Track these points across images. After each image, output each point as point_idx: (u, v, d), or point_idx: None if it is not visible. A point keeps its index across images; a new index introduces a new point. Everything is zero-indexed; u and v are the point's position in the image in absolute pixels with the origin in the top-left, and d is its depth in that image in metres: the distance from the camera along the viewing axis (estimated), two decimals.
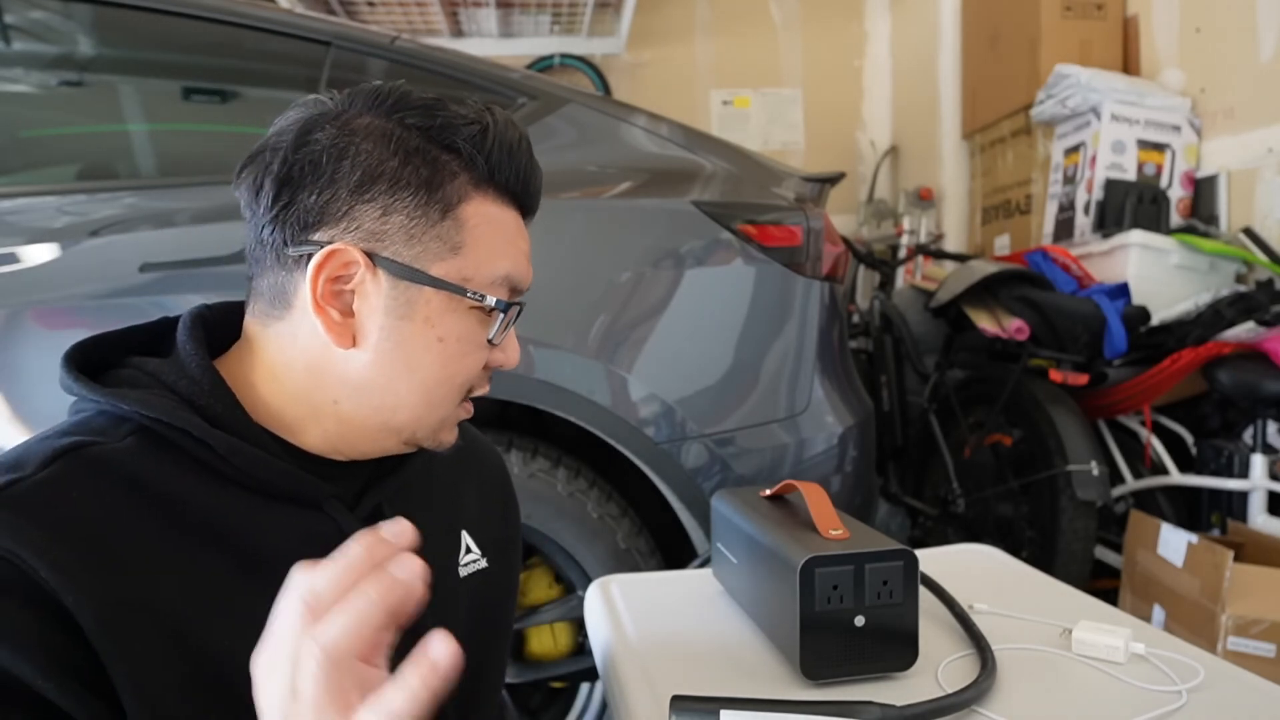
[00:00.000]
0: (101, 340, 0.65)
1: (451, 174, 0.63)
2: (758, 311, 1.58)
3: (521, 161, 0.66)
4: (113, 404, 0.58)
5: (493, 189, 0.65)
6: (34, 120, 1.64)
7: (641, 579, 1.11)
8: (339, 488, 0.66)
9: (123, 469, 0.55)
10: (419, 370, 0.63)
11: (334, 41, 1.58)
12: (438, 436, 0.67)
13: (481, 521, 0.80)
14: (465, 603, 0.75)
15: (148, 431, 0.58)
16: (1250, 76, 2.50)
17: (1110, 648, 0.80)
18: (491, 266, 0.64)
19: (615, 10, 4.21)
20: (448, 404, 0.66)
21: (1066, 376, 2.25)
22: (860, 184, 4.40)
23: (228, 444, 0.59)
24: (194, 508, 0.57)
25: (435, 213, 0.62)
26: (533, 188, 0.69)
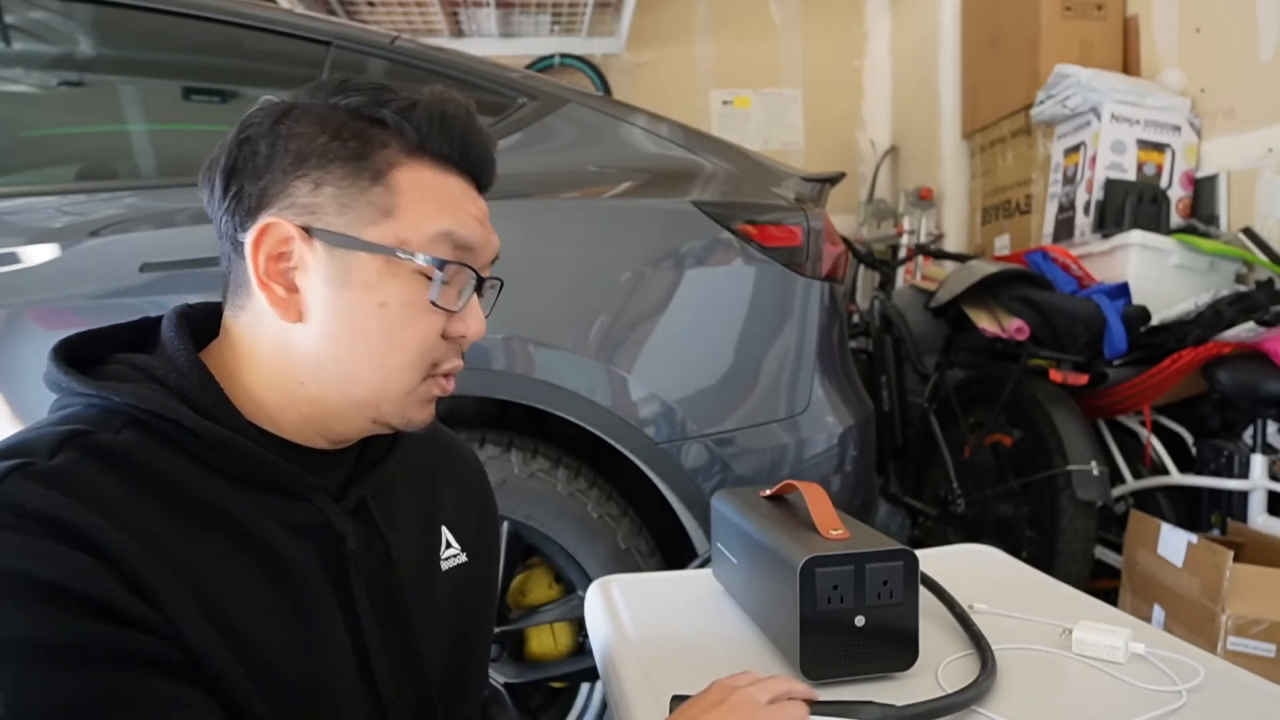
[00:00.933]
0: (88, 337, 0.65)
1: (381, 144, 0.64)
2: (758, 311, 1.58)
3: (456, 129, 0.66)
4: (104, 397, 0.59)
5: (427, 156, 0.65)
6: (34, 120, 1.64)
7: (641, 579, 1.11)
8: (324, 479, 0.67)
9: (124, 457, 0.57)
10: (365, 338, 0.63)
11: (334, 41, 1.58)
12: (406, 414, 0.66)
13: (460, 518, 0.82)
14: (447, 595, 0.77)
15: (141, 424, 0.59)
16: (1250, 76, 2.50)
17: (1110, 648, 0.80)
18: (427, 227, 0.64)
19: (615, 10, 4.21)
20: (406, 375, 0.65)
21: (1066, 376, 2.25)
22: (860, 184, 4.40)
23: (217, 435, 0.60)
24: (192, 494, 0.59)
25: (365, 180, 0.63)
26: (475, 154, 0.68)
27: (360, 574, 0.67)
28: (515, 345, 1.46)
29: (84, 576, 0.50)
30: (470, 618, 0.80)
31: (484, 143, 0.68)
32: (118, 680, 0.50)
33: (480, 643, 0.83)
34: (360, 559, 0.67)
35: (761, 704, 0.65)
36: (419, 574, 0.74)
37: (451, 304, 0.65)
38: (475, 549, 0.81)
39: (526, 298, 1.47)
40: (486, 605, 0.85)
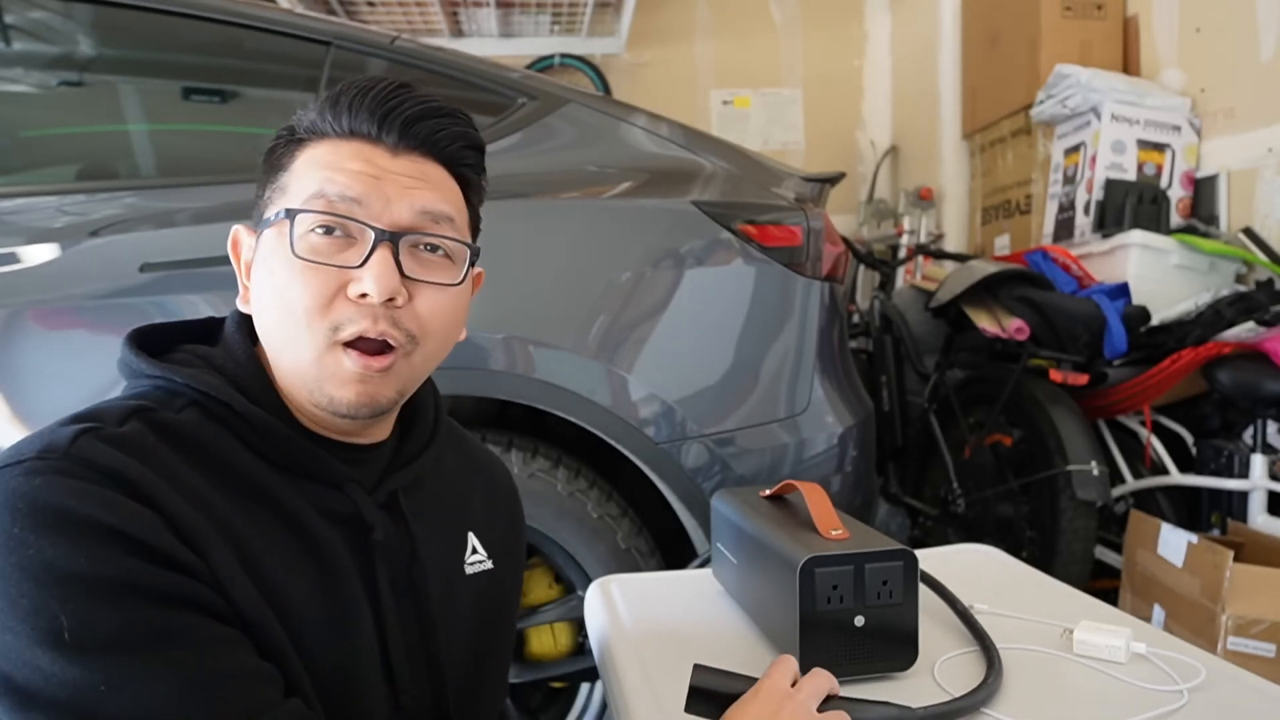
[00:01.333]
0: (159, 328, 0.71)
1: (296, 144, 0.69)
2: (758, 311, 1.58)
3: (349, 101, 0.67)
4: (169, 379, 0.65)
5: (326, 138, 0.68)
6: (34, 120, 1.64)
7: (641, 579, 1.11)
8: (359, 472, 0.70)
9: (182, 433, 0.62)
10: (268, 311, 0.66)
11: (334, 41, 1.58)
12: (326, 391, 0.64)
13: (487, 526, 0.83)
14: (470, 599, 0.78)
15: (199, 405, 0.65)
16: (1250, 76, 2.50)
17: (1111, 648, 0.80)
18: (303, 191, 0.66)
19: (615, 10, 4.21)
20: (302, 340, 0.64)
21: (1066, 376, 2.25)
22: (860, 184, 4.40)
23: (263, 420, 0.65)
24: (241, 472, 0.64)
25: (275, 175, 0.69)
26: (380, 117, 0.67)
27: (385, 564, 0.69)
28: (515, 345, 1.46)
29: (142, 525, 0.55)
30: (491, 624, 0.81)
31: (391, 105, 0.67)
32: (166, 616, 0.55)
33: (499, 649, 0.85)
34: (386, 550, 0.70)
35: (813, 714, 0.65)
36: (444, 573, 0.76)
37: (349, 261, 0.64)
38: (500, 557, 0.83)
39: (526, 297, 1.47)
40: (508, 614, 0.86)
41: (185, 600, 0.56)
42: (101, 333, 1.39)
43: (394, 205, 0.65)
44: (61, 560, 0.53)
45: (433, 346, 0.69)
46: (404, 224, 0.66)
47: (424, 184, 0.67)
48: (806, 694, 0.65)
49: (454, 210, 0.69)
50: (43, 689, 0.51)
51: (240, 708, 0.55)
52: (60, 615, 0.52)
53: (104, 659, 0.52)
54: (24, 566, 0.52)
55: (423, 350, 0.68)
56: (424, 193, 0.67)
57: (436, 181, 0.69)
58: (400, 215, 0.66)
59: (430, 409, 0.80)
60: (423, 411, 0.79)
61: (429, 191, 0.67)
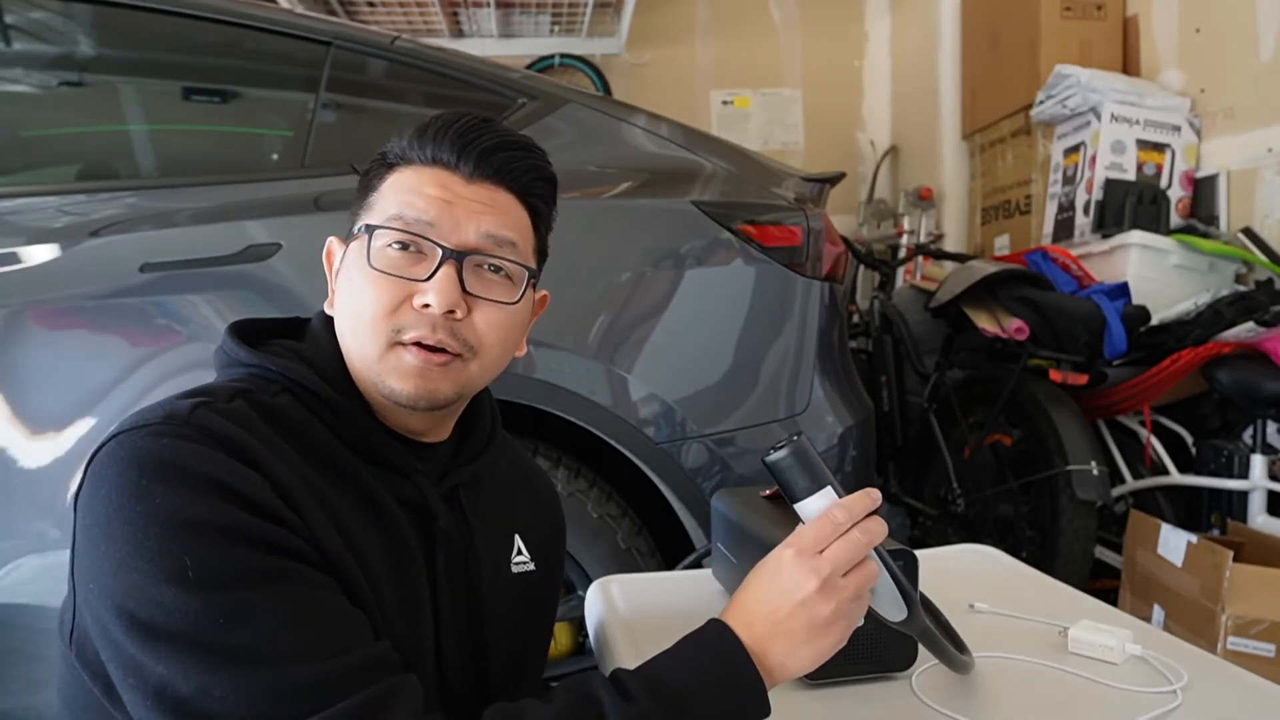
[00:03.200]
0: (254, 322, 0.79)
1: (386, 167, 0.77)
2: (758, 311, 1.58)
3: (433, 131, 0.74)
4: (264, 368, 0.72)
5: (412, 164, 0.75)
6: (34, 120, 1.64)
7: (641, 579, 1.11)
8: (425, 466, 0.77)
9: (279, 414, 0.69)
10: (346, 314, 0.74)
11: (334, 41, 1.58)
12: (386, 382, 0.72)
13: (533, 530, 0.90)
14: (515, 597, 0.84)
15: (291, 392, 0.72)
16: (1250, 76, 2.50)
17: (1106, 648, 0.80)
18: (385, 211, 0.73)
19: (615, 10, 4.21)
20: (369, 339, 0.71)
21: (1066, 376, 2.25)
22: (860, 184, 4.40)
23: (346, 410, 0.72)
24: (329, 454, 0.70)
25: (365, 195, 0.77)
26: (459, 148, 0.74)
27: (445, 552, 0.76)
28: None
29: (251, 484, 0.62)
30: (532, 622, 0.88)
31: (470, 138, 0.74)
32: (275, 560, 0.61)
33: (538, 647, 0.91)
34: (447, 539, 0.76)
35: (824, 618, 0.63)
36: (494, 568, 0.82)
37: (418, 275, 0.71)
38: (543, 561, 0.89)
39: None
40: (547, 614, 0.93)
41: (290, 550, 0.62)
42: (101, 333, 1.39)
43: (463, 228, 0.72)
44: (185, 508, 0.59)
45: (489, 358, 0.75)
46: (470, 245, 0.73)
47: (492, 210, 0.74)
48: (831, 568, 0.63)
49: (518, 236, 0.76)
50: (165, 622, 0.57)
51: (341, 640, 0.61)
52: (184, 556, 0.58)
53: (223, 594, 0.58)
54: (151, 513, 0.59)
55: (480, 361, 0.74)
56: (491, 218, 0.74)
57: (505, 208, 0.75)
58: (467, 237, 0.73)
59: (488, 417, 0.87)
60: (480, 419, 0.86)
61: (496, 217, 0.74)
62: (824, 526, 0.63)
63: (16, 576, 1.35)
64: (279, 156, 1.66)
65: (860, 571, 0.64)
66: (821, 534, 0.63)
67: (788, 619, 0.62)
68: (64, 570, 0.66)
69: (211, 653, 0.57)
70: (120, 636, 0.58)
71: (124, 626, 0.58)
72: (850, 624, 0.64)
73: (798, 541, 0.64)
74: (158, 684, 0.57)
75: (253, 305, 1.42)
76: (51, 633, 0.72)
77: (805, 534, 0.64)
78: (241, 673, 0.57)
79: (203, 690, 0.56)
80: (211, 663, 0.57)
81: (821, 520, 0.64)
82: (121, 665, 0.59)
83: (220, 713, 0.56)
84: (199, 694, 0.56)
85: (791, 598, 0.62)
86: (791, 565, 0.63)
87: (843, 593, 0.63)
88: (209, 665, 0.57)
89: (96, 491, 0.61)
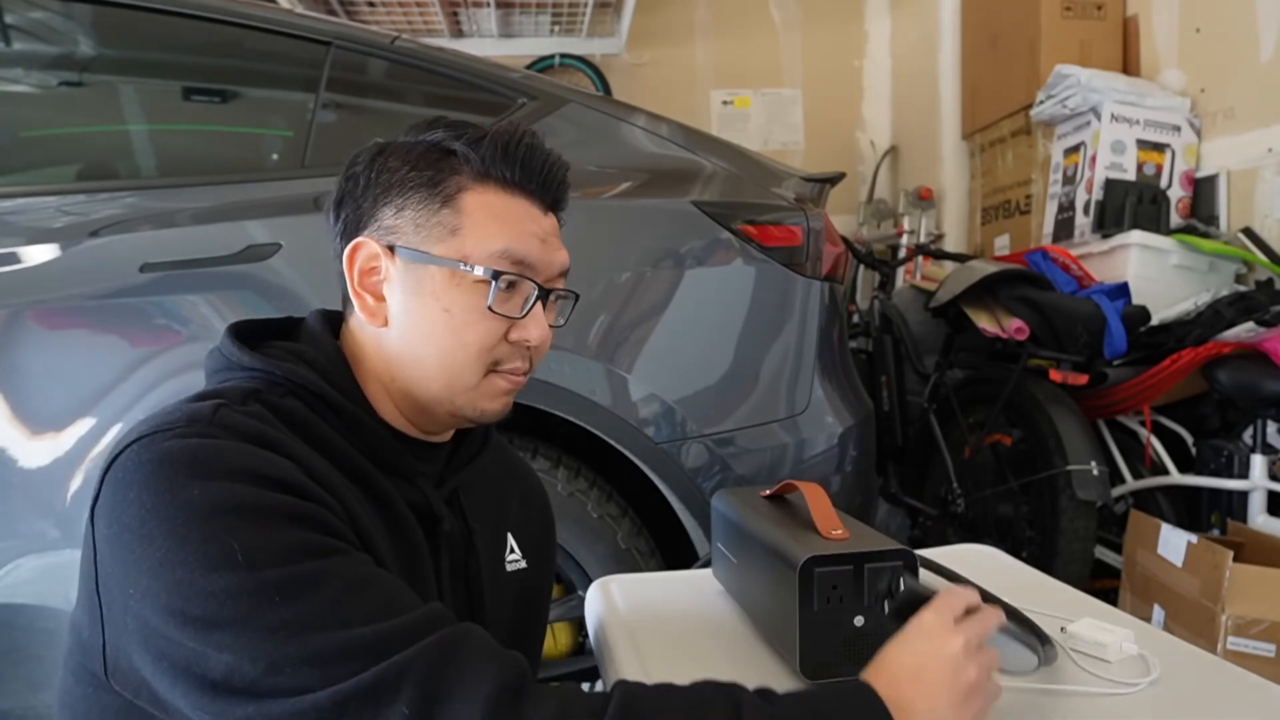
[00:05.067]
0: (250, 324, 0.78)
1: (451, 171, 0.74)
2: (758, 311, 1.58)
3: (519, 155, 0.74)
4: (268, 371, 0.72)
5: (493, 182, 0.74)
6: (34, 120, 1.64)
7: (641, 579, 1.11)
8: (426, 467, 0.79)
9: (292, 415, 0.69)
10: (434, 340, 0.73)
11: (334, 41, 1.58)
12: (478, 405, 0.75)
13: (523, 529, 0.91)
14: (510, 595, 0.87)
15: (298, 395, 0.72)
16: (1250, 76, 2.50)
17: (1099, 645, 0.80)
18: (488, 244, 0.72)
19: (615, 10, 4.21)
20: (469, 371, 0.73)
21: (1066, 376, 2.25)
22: (860, 184, 4.40)
23: (354, 414, 0.73)
24: (340, 455, 0.71)
25: (436, 203, 0.73)
26: (538, 179, 0.75)
27: (448, 554, 0.78)
28: None
29: (285, 470, 0.63)
30: (525, 619, 0.90)
31: (549, 167, 0.76)
32: (320, 538, 0.61)
33: (533, 642, 0.93)
34: (450, 541, 0.78)
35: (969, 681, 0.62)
36: (491, 567, 0.84)
37: (512, 311, 0.74)
38: (534, 559, 0.91)
39: None
40: (540, 611, 0.95)
41: (328, 527, 0.63)
42: (101, 333, 1.39)
43: (551, 265, 0.76)
44: (225, 497, 0.59)
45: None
46: (552, 281, 0.77)
47: (561, 244, 0.78)
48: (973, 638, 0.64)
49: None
50: (220, 611, 0.57)
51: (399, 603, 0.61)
52: (230, 541, 0.58)
53: (276, 571, 0.58)
54: (189, 506, 0.59)
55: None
56: (563, 253, 0.78)
57: (561, 238, 0.79)
58: (552, 273, 0.77)
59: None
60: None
61: (564, 252, 0.78)
62: (954, 600, 0.66)
63: (16, 576, 1.35)
64: (279, 156, 1.66)
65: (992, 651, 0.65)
66: (954, 605, 0.65)
67: (935, 674, 0.61)
68: (64, 570, 0.66)
69: (274, 630, 0.56)
70: (174, 635, 0.58)
71: (177, 624, 0.57)
72: (990, 700, 0.64)
73: (935, 608, 0.65)
74: (224, 673, 0.56)
75: (253, 305, 1.42)
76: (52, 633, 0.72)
77: (940, 604, 0.66)
78: (308, 640, 0.56)
79: (272, 667, 0.56)
80: (276, 639, 0.56)
81: (949, 596, 0.66)
82: (174, 665, 0.58)
83: (294, 686, 0.56)
84: (269, 672, 0.56)
85: (938, 654, 0.62)
86: (934, 625, 0.64)
87: (984, 658, 0.63)
88: (274, 642, 0.56)
89: (124, 497, 0.60)
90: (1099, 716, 0.71)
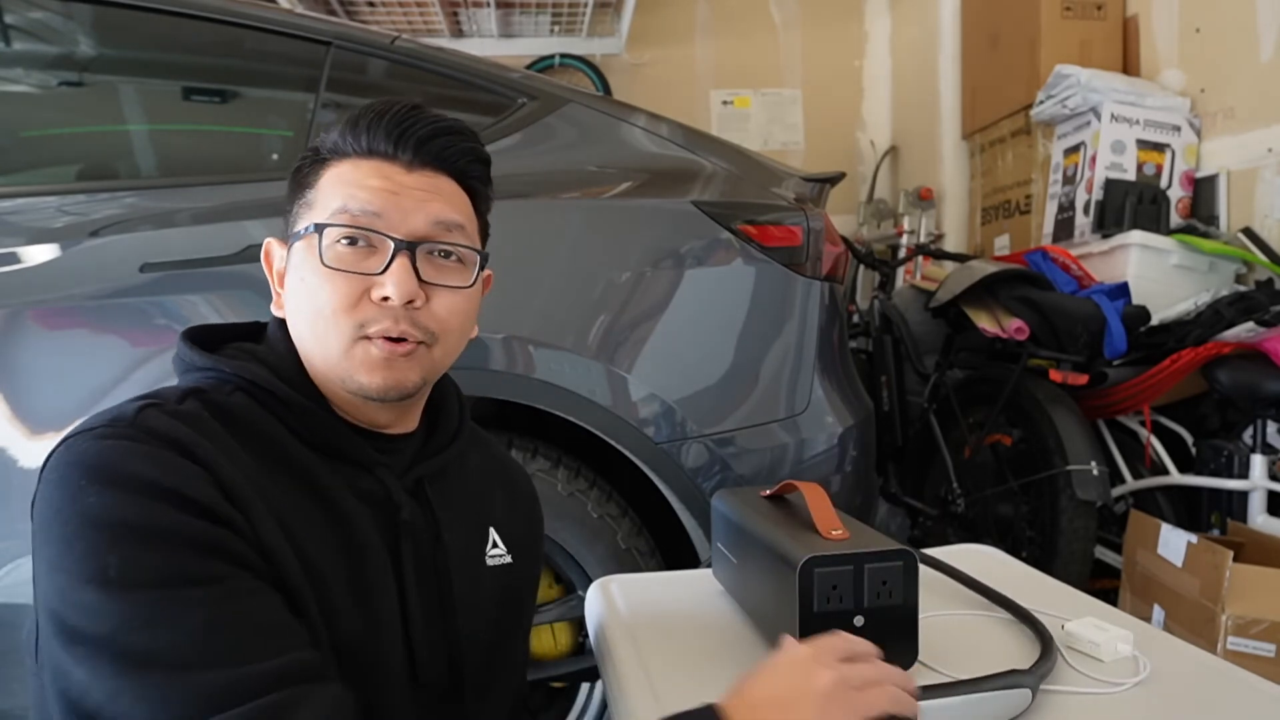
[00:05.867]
0: (210, 329, 0.79)
1: (319, 163, 0.76)
2: (757, 311, 1.58)
3: (366, 123, 0.74)
4: (218, 370, 0.73)
5: (346, 157, 0.75)
6: (34, 120, 1.64)
7: (641, 579, 1.11)
8: (390, 460, 0.77)
9: (231, 412, 0.69)
10: (301, 312, 0.74)
11: (334, 41, 1.58)
12: (355, 378, 0.72)
13: (508, 524, 0.90)
14: (491, 589, 0.85)
15: (246, 391, 0.72)
16: (1250, 76, 2.50)
17: (1094, 644, 0.80)
18: (329, 207, 0.73)
19: (615, 10, 4.21)
20: (332, 336, 0.72)
21: (1066, 376, 2.25)
22: (860, 184, 4.40)
23: (303, 406, 0.73)
24: (282, 451, 0.71)
25: (303, 192, 0.77)
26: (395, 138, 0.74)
27: (410, 544, 0.76)
28: (515, 345, 1.46)
29: (192, 482, 0.61)
30: (510, 615, 0.88)
31: (404, 126, 0.74)
32: (205, 563, 0.60)
33: (516, 640, 0.91)
34: (412, 530, 0.76)
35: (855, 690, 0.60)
36: (465, 560, 0.82)
37: (371, 269, 0.71)
38: (519, 554, 0.89)
39: (526, 298, 1.47)
40: (525, 607, 0.93)
41: (224, 552, 0.61)
42: (101, 333, 1.39)
43: (410, 217, 0.73)
44: (115, 509, 0.59)
45: (450, 342, 0.76)
46: (420, 234, 0.73)
47: (437, 196, 0.75)
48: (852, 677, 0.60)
49: (464, 219, 0.76)
50: (86, 625, 0.56)
51: (262, 648, 0.59)
52: (109, 556, 0.57)
53: (143, 595, 0.57)
54: (84, 514, 0.59)
55: (441, 346, 0.75)
56: (437, 204, 0.74)
57: (448, 194, 0.76)
58: (416, 226, 0.73)
59: (455, 408, 0.87)
60: (448, 410, 0.86)
61: (441, 203, 0.75)
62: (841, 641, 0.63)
63: (16, 576, 1.35)
64: (279, 156, 1.66)
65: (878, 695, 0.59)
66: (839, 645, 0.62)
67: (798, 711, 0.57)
68: None
69: (123, 657, 0.56)
70: (49, 640, 0.58)
71: (53, 630, 0.58)
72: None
73: (817, 642, 0.62)
74: (78, 691, 0.57)
75: (252, 305, 1.42)
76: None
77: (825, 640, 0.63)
78: (151, 678, 0.55)
79: (113, 695, 0.55)
80: (121, 667, 0.56)
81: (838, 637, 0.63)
82: (52, 670, 0.59)
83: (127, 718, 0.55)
84: (110, 698, 0.56)
85: (803, 688, 0.58)
86: (807, 657, 0.61)
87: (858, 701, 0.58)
88: (119, 670, 0.56)
89: (42, 495, 0.61)
90: (1084, 714, 0.71)
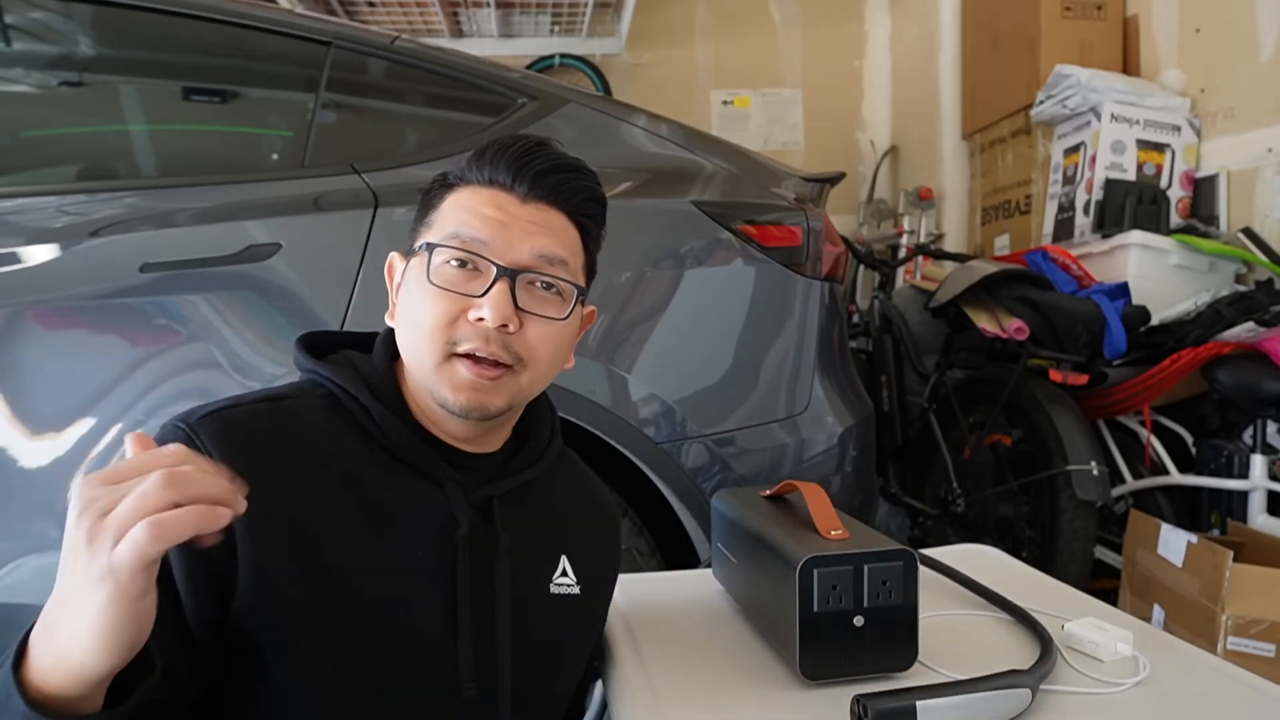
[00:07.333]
0: (328, 334, 0.85)
1: (439, 187, 0.81)
2: (758, 311, 1.58)
3: (491, 154, 0.78)
4: (316, 373, 0.79)
5: (469, 184, 0.79)
6: (34, 120, 1.64)
7: (641, 579, 1.11)
8: (465, 476, 0.79)
9: (303, 418, 0.75)
10: (407, 322, 0.78)
11: (334, 41, 1.58)
12: (439, 393, 0.75)
13: (583, 554, 0.88)
14: (552, 616, 0.84)
15: (333, 397, 0.77)
16: (1250, 76, 2.50)
17: (1093, 643, 0.80)
18: (444, 229, 0.77)
19: (615, 10, 4.21)
20: (427, 350, 0.75)
21: (1066, 376, 2.25)
22: (860, 184, 4.40)
23: (381, 414, 0.76)
24: (344, 457, 0.75)
25: (426, 214, 0.81)
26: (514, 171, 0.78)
27: (467, 561, 0.77)
28: None
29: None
30: (569, 646, 0.87)
31: (524, 160, 0.78)
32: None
33: (571, 672, 0.89)
34: (470, 548, 0.77)
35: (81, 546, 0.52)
36: (526, 581, 0.82)
37: (472, 290, 0.74)
38: (590, 586, 0.88)
39: None
40: (586, 639, 0.91)
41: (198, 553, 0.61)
42: (101, 333, 1.39)
43: (516, 247, 0.76)
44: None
45: (540, 370, 0.78)
46: (523, 263, 0.76)
47: (544, 230, 0.78)
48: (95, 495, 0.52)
49: (569, 254, 0.79)
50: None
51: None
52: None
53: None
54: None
55: (530, 373, 0.77)
56: (543, 238, 0.77)
57: (558, 228, 0.79)
58: (520, 255, 0.76)
59: (546, 431, 0.88)
60: (538, 432, 0.87)
61: (548, 237, 0.78)
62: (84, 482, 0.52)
63: (16, 576, 1.35)
64: (279, 156, 1.66)
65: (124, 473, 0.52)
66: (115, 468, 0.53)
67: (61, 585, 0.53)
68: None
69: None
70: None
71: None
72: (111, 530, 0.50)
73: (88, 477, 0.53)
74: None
75: (252, 305, 1.42)
76: None
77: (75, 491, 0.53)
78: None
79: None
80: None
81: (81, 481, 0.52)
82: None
83: None
84: None
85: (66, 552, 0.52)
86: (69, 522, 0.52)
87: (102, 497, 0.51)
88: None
89: None
90: (1084, 714, 0.71)
